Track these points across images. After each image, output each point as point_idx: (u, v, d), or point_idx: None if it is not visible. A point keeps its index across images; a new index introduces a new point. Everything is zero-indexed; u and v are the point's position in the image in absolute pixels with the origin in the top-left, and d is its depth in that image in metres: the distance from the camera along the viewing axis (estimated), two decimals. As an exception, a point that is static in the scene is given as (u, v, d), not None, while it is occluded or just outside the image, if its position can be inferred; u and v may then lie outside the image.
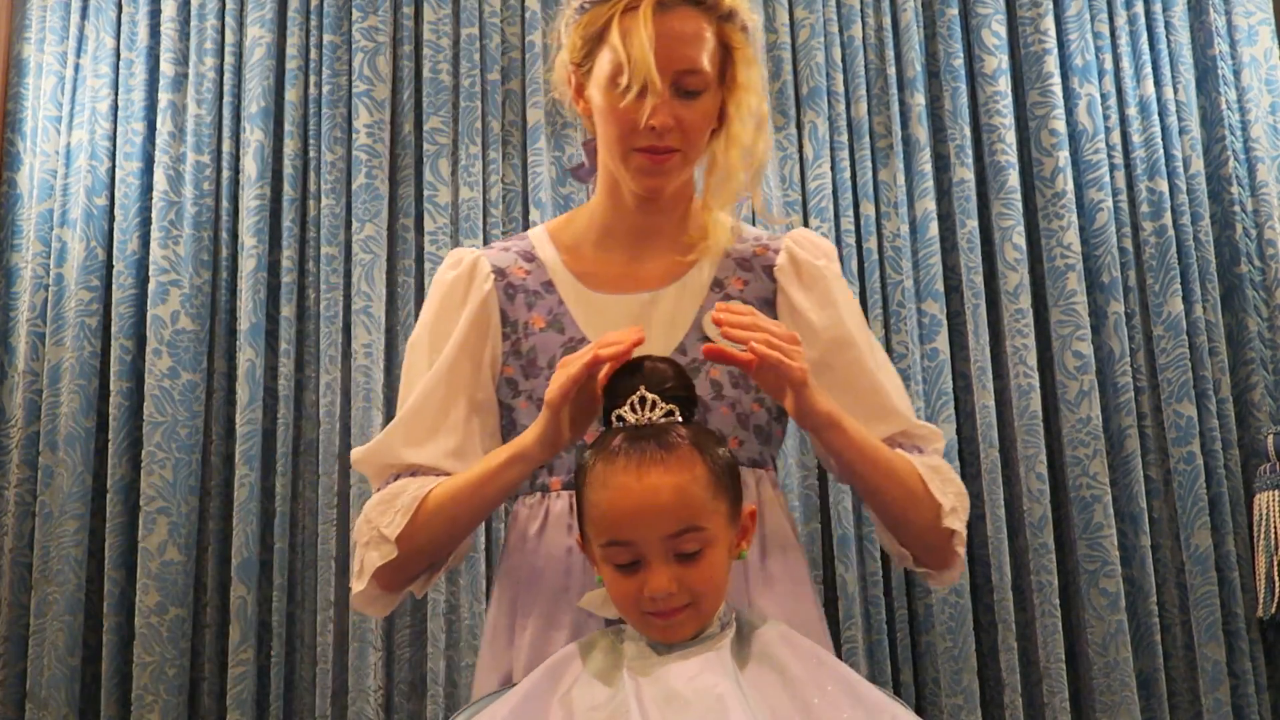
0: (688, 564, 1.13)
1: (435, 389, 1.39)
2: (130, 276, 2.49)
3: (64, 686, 2.31)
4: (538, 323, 1.41)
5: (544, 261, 1.45)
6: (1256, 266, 2.50)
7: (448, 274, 1.46)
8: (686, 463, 1.13)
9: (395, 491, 1.35)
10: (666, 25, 1.31)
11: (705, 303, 1.40)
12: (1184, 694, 2.35)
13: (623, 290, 1.41)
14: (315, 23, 2.58)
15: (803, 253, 1.44)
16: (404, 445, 1.38)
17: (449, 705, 2.28)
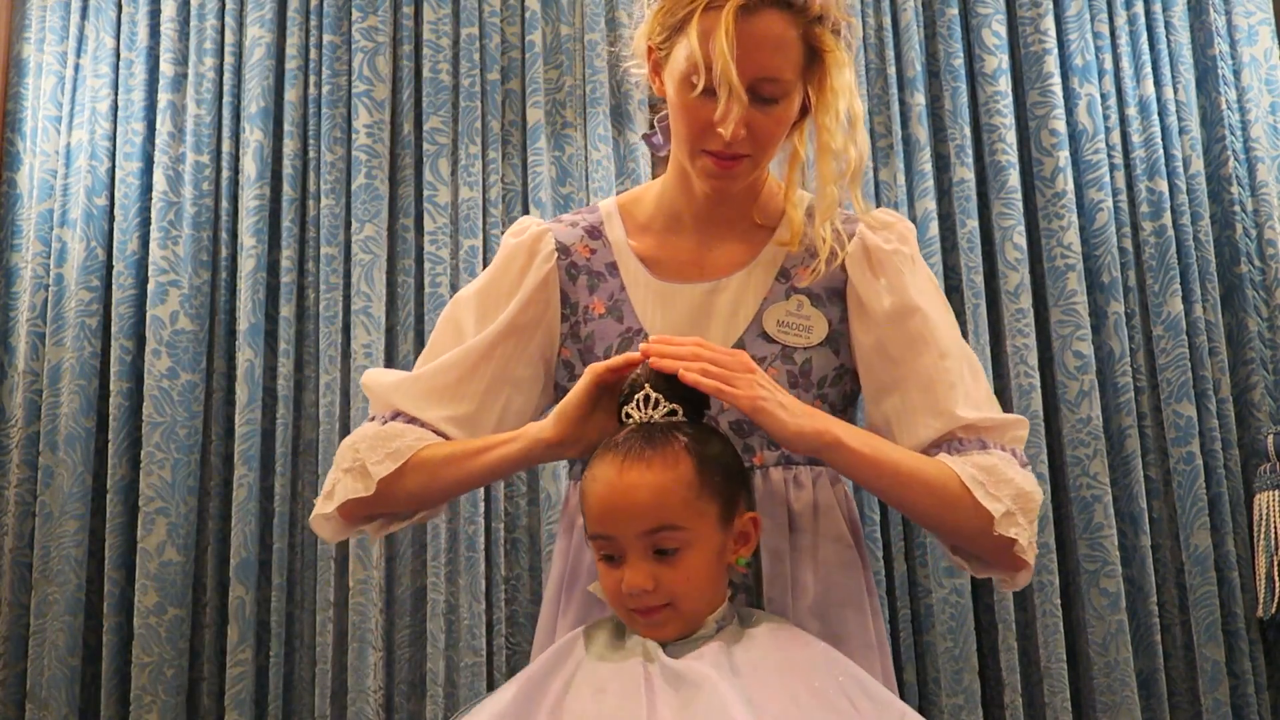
0: (666, 563, 1.13)
1: (468, 357, 1.37)
2: (130, 277, 2.49)
3: (64, 686, 2.31)
4: (597, 308, 1.38)
5: (610, 241, 1.41)
6: (1256, 266, 2.50)
7: (510, 241, 1.43)
8: (670, 462, 1.14)
9: (393, 434, 1.34)
10: (749, 29, 1.23)
11: (769, 295, 1.35)
12: (1184, 694, 2.35)
13: (686, 279, 1.37)
14: (315, 23, 2.58)
15: (873, 238, 1.35)
16: (415, 397, 1.37)
17: (449, 705, 2.28)
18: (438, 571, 2.33)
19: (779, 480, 1.31)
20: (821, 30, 1.27)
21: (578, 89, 2.56)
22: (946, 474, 1.23)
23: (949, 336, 1.33)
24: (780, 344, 1.33)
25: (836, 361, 1.35)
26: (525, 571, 2.40)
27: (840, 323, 1.35)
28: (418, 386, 1.37)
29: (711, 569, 1.16)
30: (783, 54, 1.26)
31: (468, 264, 2.45)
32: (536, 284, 1.39)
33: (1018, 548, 1.23)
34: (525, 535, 2.40)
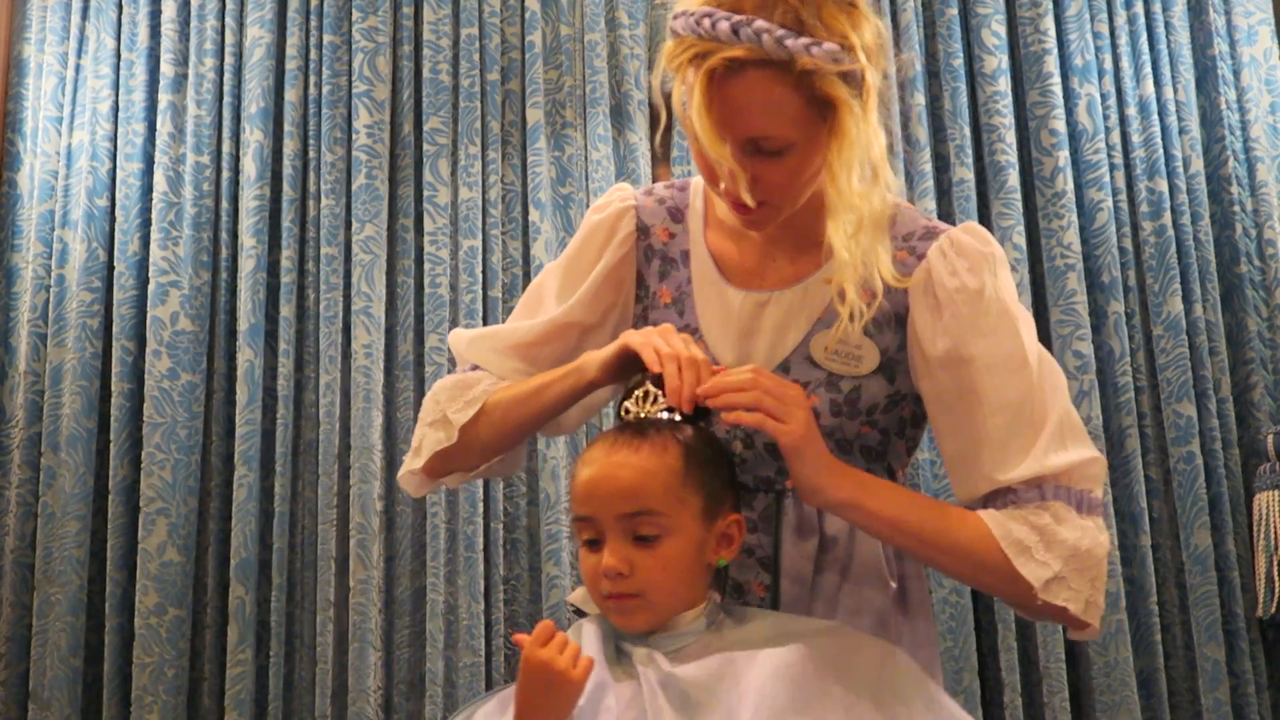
0: (644, 549, 1.13)
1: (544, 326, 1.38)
2: (131, 277, 2.49)
3: (66, 687, 2.31)
4: (665, 296, 1.36)
5: (689, 229, 1.37)
6: (1256, 266, 2.50)
7: (593, 217, 1.41)
8: (658, 449, 1.15)
9: (469, 381, 1.36)
10: (730, 93, 1.16)
11: (823, 316, 1.27)
12: (1184, 693, 2.35)
13: (747, 285, 1.31)
14: (315, 23, 2.58)
15: (940, 268, 1.24)
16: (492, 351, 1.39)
17: (448, 705, 2.29)
18: (437, 572, 2.34)
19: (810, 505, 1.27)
20: (823, 81, 1.18)
21: (577, 89, 2.56)
22: (983, 535, 1.17)
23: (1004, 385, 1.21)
24: (827, 371, 1.27)
25: (890, 389, 1.28)
26: (525, 572, 2.40)
27: (898, 350, 1.27)
28: (494, 342, 1.40)
29: (688, 563, 1.15)
30: (773, 113, 1.18)
31: (467, 264, 2.46)
32: (614, 263, 1.38)
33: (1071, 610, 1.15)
34: (525, 535, 2.41)
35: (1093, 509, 1.18)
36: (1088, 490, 1.19)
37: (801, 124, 1.19)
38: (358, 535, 2.34)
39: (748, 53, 1.15)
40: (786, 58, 1.15)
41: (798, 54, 1.15)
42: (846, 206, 1.19)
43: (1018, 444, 1.19)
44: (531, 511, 2.41)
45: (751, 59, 1.15)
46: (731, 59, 1.15)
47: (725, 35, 1.15)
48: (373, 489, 2.36)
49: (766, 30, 1.14)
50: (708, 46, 1.16)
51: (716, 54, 1.15)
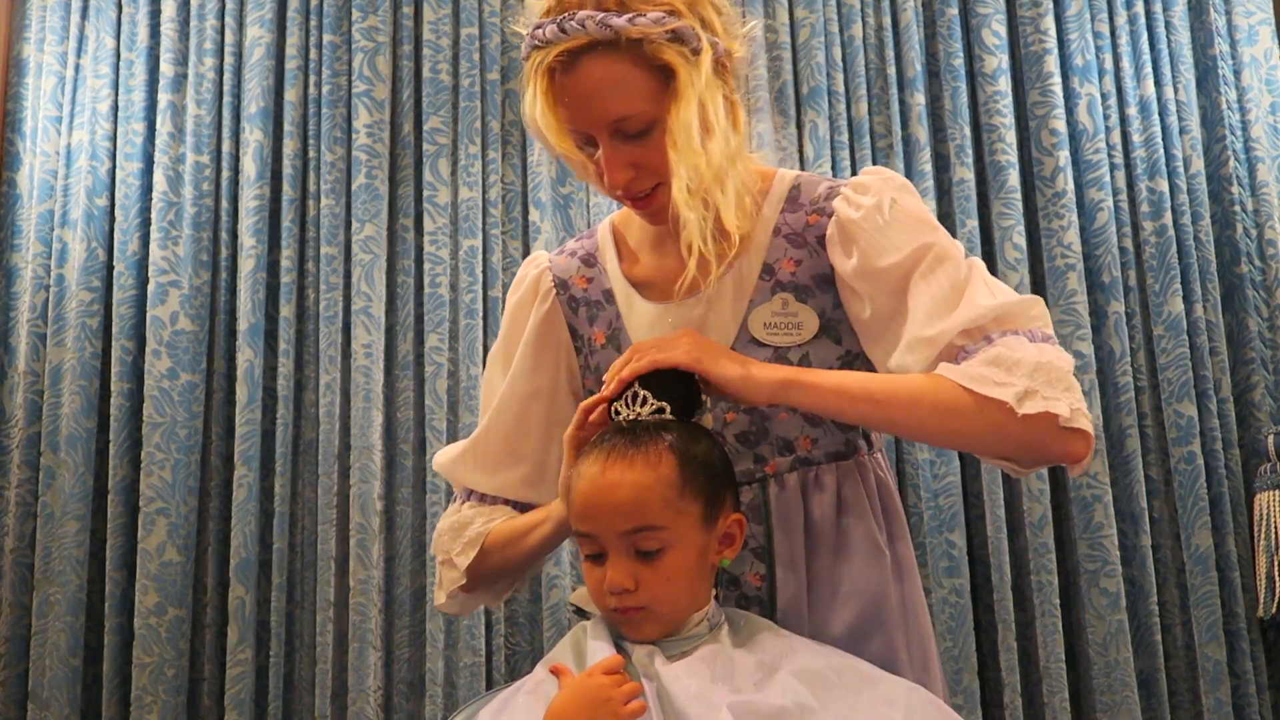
0: (648, 562, 1.13)
1: (505, 414, 1.40)
2: (131, 277, 2.49)
3: (65, 687, 2.31)
4: (599, 338, 1.37)
5: (605, 268, 1.39)
6: (1257, 266, 2.50)
7: (512, 296, 1.45)
8: (653, 461, 1.13)
9: (464, 521, 1.39)
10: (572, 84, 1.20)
11: (755, 295, 1.29)
12: (1184, 694, 2.35)
13: (676, 297, 1.32)
14: (315, 23, 2.58)
15: (848, 210, 1.26)
16: (475, 470, 1.41)
17: (448, 705, 2.28)
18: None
19: (794, 487, 1.28)
20: (654, 48, 1.21)
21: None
22: (939, 382, 1.14)
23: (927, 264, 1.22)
24: (771, 347, 1.28)
25: (840, 350, 1.29)
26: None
27: (835, 309, 1.29)
28: (474, 459, 1.42)
29: (693, 570, 1.15)
30: (620, 92, 1.21)
31: (467, 264, 2.46)
32: (542, 325, 1.41)
33: (1061, 420, 1.11)
34: (525, 535, 2.40)
35: (1046, 340, 1.17)
36: (1038, 327, 1.18)
37: (654, 97, 1.22)
38: (358, 535, 2.34)
39: (577, 42, 1.19)
40: (613, 36, 1.19)
41: (621, 29, 1.19)
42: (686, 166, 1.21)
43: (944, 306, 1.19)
44: (531, 511, 2.41)
45: (583, 46, 1.20)
46: (564, 52, 1.20)
47: (554, 35, 1.20)
48: (373, 489, 2.36)
49: (589, 16, 1.19)
50: (541, 54, 1.21)
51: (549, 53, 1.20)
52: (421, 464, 2.41)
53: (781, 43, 2.55)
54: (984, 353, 1.15)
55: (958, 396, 1.12)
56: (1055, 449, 1.13)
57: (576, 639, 1.17)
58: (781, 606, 1.25)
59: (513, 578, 1.41)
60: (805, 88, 2.53)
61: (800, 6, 2.57)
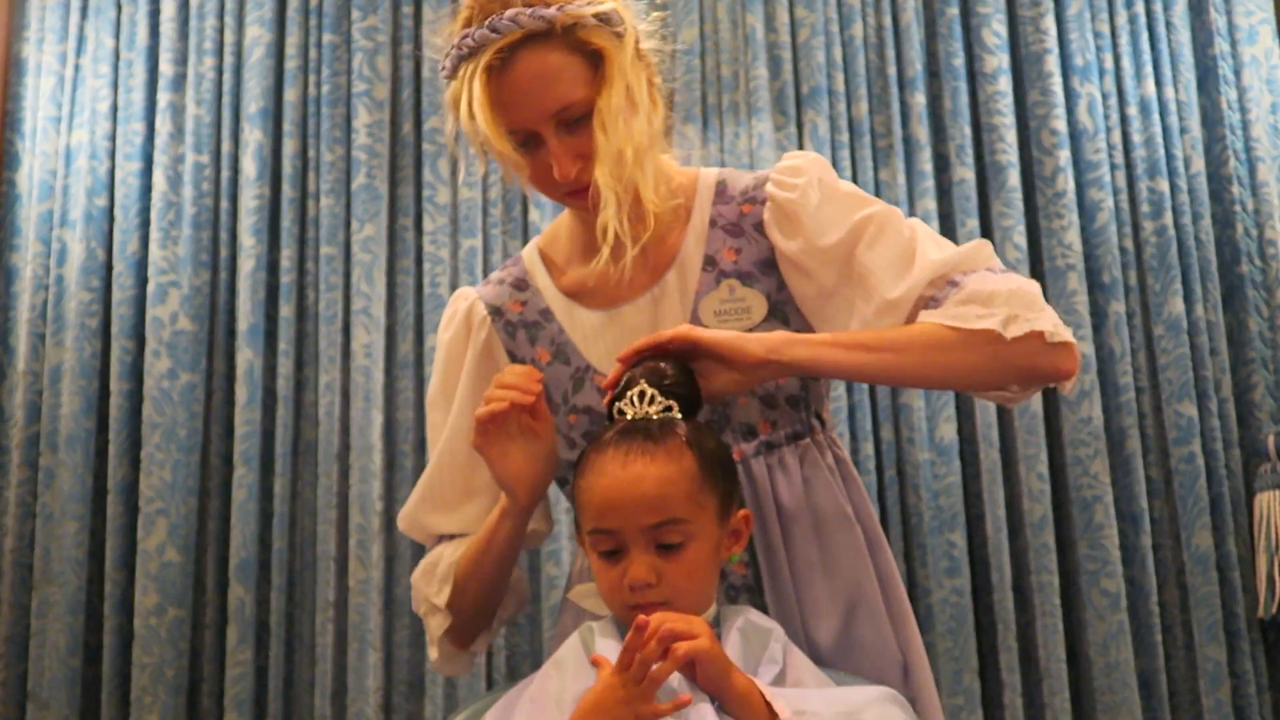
0: (669, 556, 1.13)
1: (454, 449, 1.38)
2: (130, 277, 2.49)
3: (65, 687, 2.31)
4: (543, 356, 1.37)
5: (538, 288, 1.40)
6: (1257, 266, 2.50)
7: (445, 327, 1.44)
8: (674, 455, 1.14)
9: (434, 560, 1.38)
10: (511, 80, 1.22)
11: (700, 287, 1.32)
12: (1185, 694, 2.35)
13: (619, 301, 1.35)
14: (315, 23, 2.58)
15: (782, 194, 1.31)
16: (435, 514, 1.40)
17: (448, 705, 2.28)
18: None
19: (761, 473, 1.29)
20: (585, 33, 1.23)
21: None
22: (925, 327, 1.19)
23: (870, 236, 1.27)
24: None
25: (791, 326, 1.31)
26: (524, 572, 2.39)
27: (779, 291, 1.32)
28: (429, 505, 1.41)
29: (709, 564, 1.16)
30: (560, 81, 1.23)
31: (467, 264, 2.45)
32: (479, 355, 1.40)
33: (1048, 335, 1.17)
34: (525, 535, 2.40)
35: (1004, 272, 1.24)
36: (995, 264, 1.25)
37: (589, 83, 1.24)
38: (357, 535, 2.34)
39: (512, 37, 1.21)
40: (546, 26, 1.22)
41: (554, 17, 1.22)
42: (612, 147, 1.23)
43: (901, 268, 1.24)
44: (531, 511, 2.40)
45: (517, 41, 1.22)
46: (500, 50, 1.21)
47: (484, 38, 1.21)
48: (373, 489, 2.36)
49: (519, 12, 1.21)
50: (473, 60, 1.22)
51: (483, 54, 1.21)
52: (421, 464, 2.41)
53: (781, 43, 2.55)
54: (954, 295, 1.21)
55: (946, 335, 1.18)
56: (1046, 365, 1.19)
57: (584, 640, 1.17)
58: (769, 592, 1.27)
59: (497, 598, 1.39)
60: (805, 88, 2.53)
61: (800, 6, 2.57)
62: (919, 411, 2.37)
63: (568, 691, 1.12)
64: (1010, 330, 1.16)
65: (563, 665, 1.16)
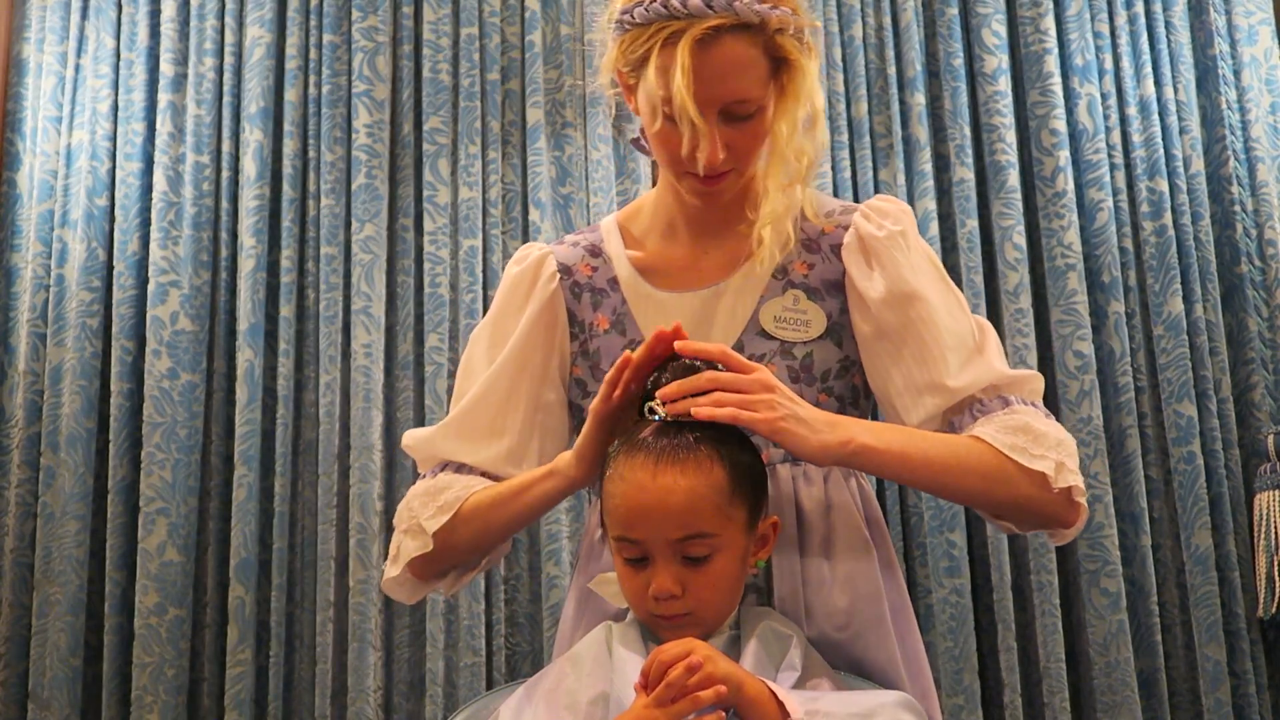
0: (695, 568, 1.12)
1: (496, 387, 1.38)
2: (131, 277, 2.49)
3: (66, 687, 2.31)
4: (602, 324, 1.39)
5: (610, 256, 1.42)
6: (1257, 266, 2.50)
7: (513, 269, 1.45)
8: (704, 467, 1.12)
9: (441, 486, 1.36)
10: (710, 59, 1.24)
11: (766, 292, 1.34)
12: (1185, 694, 2.35)
13: (686, 286, 1.37)
14: (315, 23, 2.58)
15: (868, 225, 1.34)
16: (456, 441, 1.38)
17: (448, 705, 2.28)
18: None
19: (786, 478, 1.30)
20: (783, 39, 1.27)
21: (577, 89, 2.56)
22: (981, 449, 1.21)
23: (946, 310, 1.31)
24: (779, 340, 1.32)
25: (840, 354, 1.34)
26: (525, 571, 2.40)
27: (841, 314, 1.34)
28: (454, 430, 1.39)
29: (735, 575, 1.15)
30: (748, 74, 1.26)
31: (467, 264, 2.45)
32: (542, 305, 1.40)
33: (1075, 491, 1.21)
34: (524, 535, 2.40)
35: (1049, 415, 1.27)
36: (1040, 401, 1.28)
37: (764, 84, 1.28)
38: (358, 535, 2.34)
39: (726, 20, 1.23)
40: (758, 20, 1.24)
41: (765, 15, 1.25)
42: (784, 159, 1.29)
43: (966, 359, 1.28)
44: (531, 511, 2.40)
45: (727, 25, 1.23)
46: (711, 27, 1.23)
47: (698, 9, 1.23)
48: (373, 489, 2.36)
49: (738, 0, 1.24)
50: (682, 24, 1.23)
51: (696, 25, 1.22)
52: (421, 464, 2.41)
53: (781, 43, 2.55)
54: (1006, 416, 1.24)
55: (1002, 465, 1.20)
56: (1065, 516, 1.23)
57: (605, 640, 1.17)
58: (778, 593, 1.26)
59: (486, 549, 1.36)
60: (805, 88, 2.53)
61: (800, 6, 2.57)
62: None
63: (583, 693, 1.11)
64: (1059, 480, 1.19)
65: (579, 662, 1.16)
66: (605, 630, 1.18)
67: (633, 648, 1.13)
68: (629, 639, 1.15)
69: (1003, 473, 1.20)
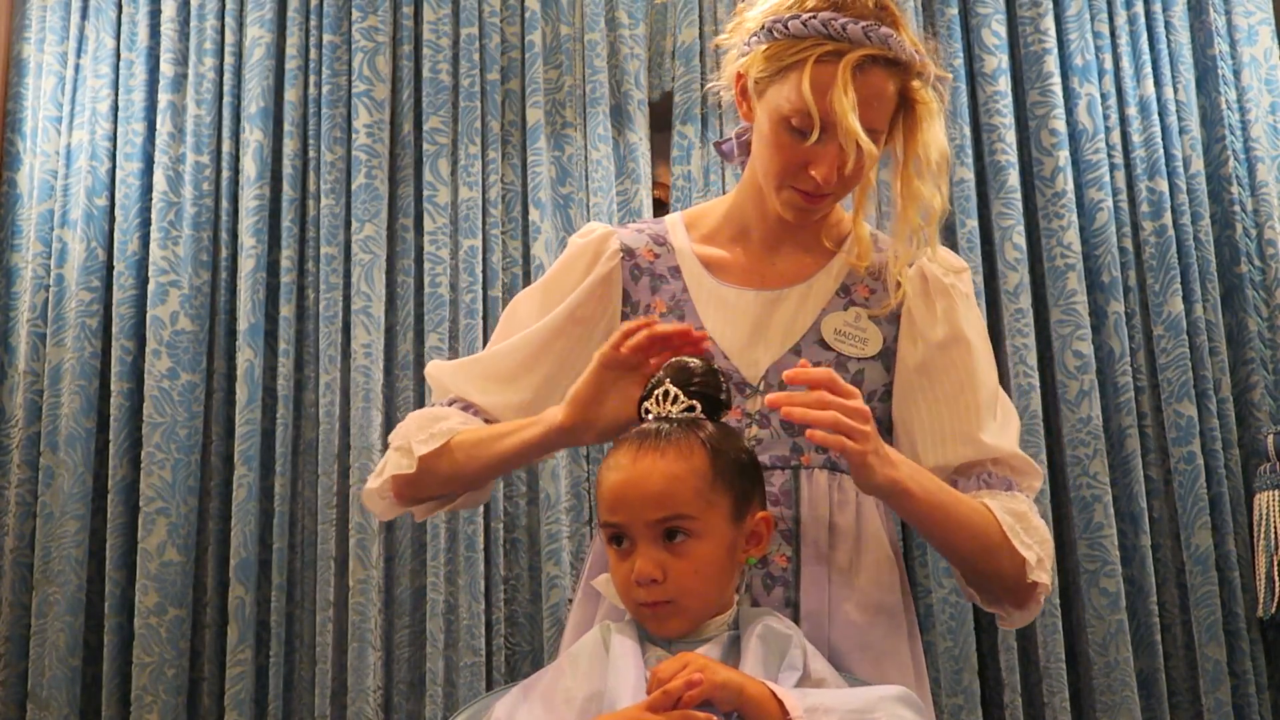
0: (676, 554, 1.13)
1: (531, 343, 1.41)
2: (130, 277, 2.49)
3: (65, 687, 2.31)
4: (659, 306, 1.41)
5: (675, 246, 1.45)
6: (1256, 266, 2.50)
7: (577, 240, 1.48)
8: (685, 452, 1.14)
9: (439, 415, 1.39)
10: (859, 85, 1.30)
11: (828, 306, 1.39)
12: (1184, 694, 2.35)
13: (749, 285, 1.41)
14: (315, 23, 2.58)
15: (933, 268, 1.41)
16: (473, 380, 1.42)
17: (448, 705, 2.28)
18: (437, 571, 2.33)
19: (823, 483, 1.33)
20: (918, 83, 1.35)
21: (577, 89, 2.56)
22: (988, 520, 1.28)
23: (989, 374, 1.39)
24: (836, 352, 1.36)
25: (887, 378, 1.39)
26: (524, 571, 2.40)
27: (893, 341, 1.39)
28: (476, 369, 1.43)
29: (720, 564, 1.16)
30: (883, 106, 1.33)
31: (467, 264, 2.46)
32: (599, 279, 1.43)
33: (1040, 589, 1.30)
34: (525, 535, 2.40)
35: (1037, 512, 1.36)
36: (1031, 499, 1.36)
37: (888, 119, 1.35)
38: (357, 535, 2.34)
39: (879, 51, 1.30)
40: (906, 60, 1.33)
41: (913, 59, 1.34)
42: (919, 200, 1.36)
43: (999, 422, 1.37)
44: (531, 511, 2.41)
45: (880, 57, 1.30)
46: (867, 55, 1.30)
47: (857, 36, 1.29)
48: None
49: (891, 36, 1.31)
50: (841, 45, 1.29)
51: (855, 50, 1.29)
52: (421, 464, 2.40)
53: (781, 43, 2.55)
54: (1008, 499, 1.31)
55: (1000, 541, 1.27)
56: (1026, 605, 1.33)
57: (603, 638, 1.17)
58: (804, 588, 1.29)
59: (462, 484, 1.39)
60: (805, 88, 2.53)
61: (800, 6, 2.57)
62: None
63: (579, 690, 1.12)
64: (1033, 573, 1.28)
65: (576, 661, 1.16)
66: (603, 630, 1.18)
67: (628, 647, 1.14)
68: (625, 639, 1.15)
69: (997, 546, 1.27)
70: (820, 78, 1.28)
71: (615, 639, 1.16)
